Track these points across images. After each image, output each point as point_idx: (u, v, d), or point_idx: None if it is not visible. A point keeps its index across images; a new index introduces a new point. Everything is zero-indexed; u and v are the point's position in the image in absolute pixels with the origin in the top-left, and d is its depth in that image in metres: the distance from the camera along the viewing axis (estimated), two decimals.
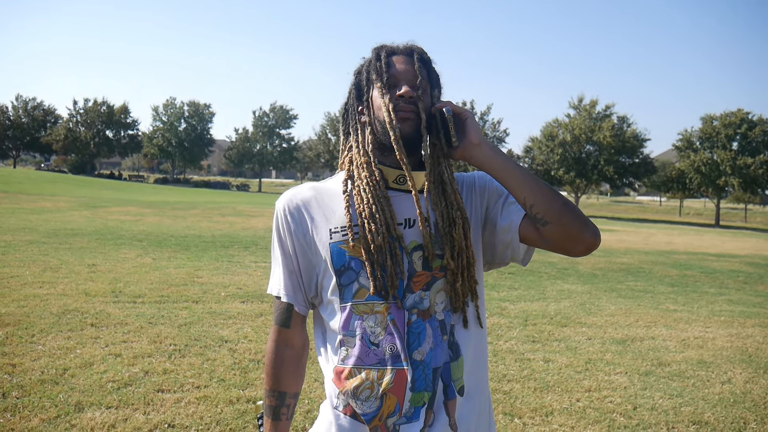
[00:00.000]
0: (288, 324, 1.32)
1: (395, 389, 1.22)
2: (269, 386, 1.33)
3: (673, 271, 11.17)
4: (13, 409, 3.28)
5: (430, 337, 1.25)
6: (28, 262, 7.92)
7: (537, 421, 3.60)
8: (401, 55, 1.30)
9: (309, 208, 1.29)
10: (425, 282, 1.25)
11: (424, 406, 1.23)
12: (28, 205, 18.95)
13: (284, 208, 1.31)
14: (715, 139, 47.58)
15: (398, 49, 1.31)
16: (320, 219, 1.28)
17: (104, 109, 67.30)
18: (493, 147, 1.25)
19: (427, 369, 1.23)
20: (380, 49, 1.31)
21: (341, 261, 1.25)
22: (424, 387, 1.23)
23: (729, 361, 5.14)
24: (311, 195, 1.31)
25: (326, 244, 1.26)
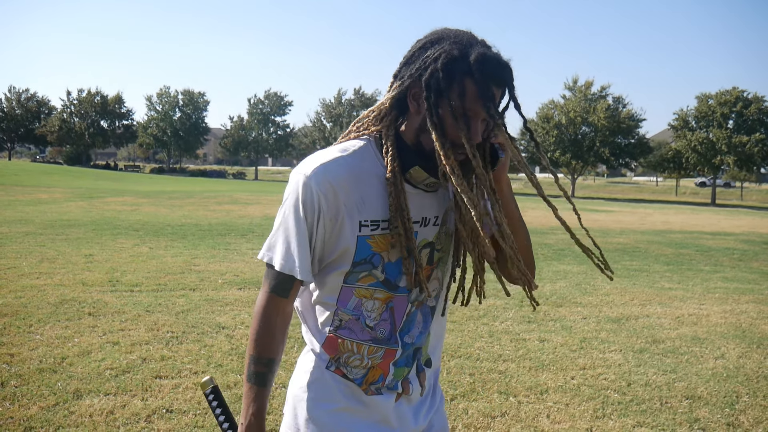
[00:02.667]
0: (287, 294, 1.25)
1: (382, 364, 1.31)
2: (258, 353, 1.26)
3: (669, 250, 11.22)
4: (12, 397, 3.31)
5: (420, 322, 1.33)
6: (25, 253, 7.93)
7: (532, 399, 3.64)
8: (497, 85, 1.17)
9: (344, 192, 1.19)
10: (427, 275, 1.31)
11: (402, 379, 1.34)
12: (24, 197, 18.91)
13: (317, 186, 1.18)
14: (710, 117, 47.56)
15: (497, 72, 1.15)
16: (352, 207, 1.20)
17: (98, 100, 66.97)
18: (509, 188, 1.31)
19: (412, 349, 1.34)
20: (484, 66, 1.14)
21: (364, 254, 1.23)
22: (405, 363, 1.33)
23: (723, 336, 5.19)
24: (346, 176, 1.20)
25: (354, 236, 1.21)
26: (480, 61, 1.13)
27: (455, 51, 1.15)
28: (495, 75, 1.15)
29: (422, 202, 1.26)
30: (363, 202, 1.21)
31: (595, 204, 33.84)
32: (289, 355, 4.19)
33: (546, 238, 11.92)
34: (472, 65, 1.13)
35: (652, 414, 3.50)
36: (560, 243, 11.39)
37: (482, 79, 1.13)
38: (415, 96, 1.20)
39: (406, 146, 1.23)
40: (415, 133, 1.22)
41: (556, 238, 12.12)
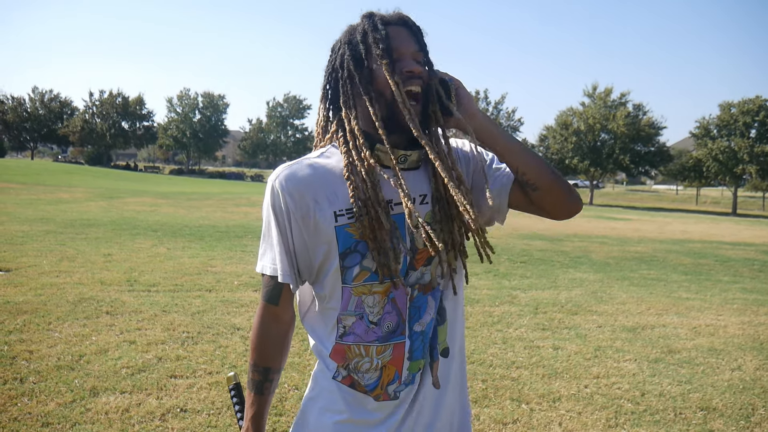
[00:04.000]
0: (277, 301, 1.29)
1: (393, 360, 1.28)
2: (255, 361, 1.31)
3: (687, 260, 11.10)
4: (31, 393, 3.37)
5: (431, 308, 1.30)
6: (45, 251, 8.05)
7: (544, 407, 3.63)
8: (397, 26, 1.26)
9: (310, 188, 1.23)
10: (426, 257, 1.28)
11: (419, 371, 1.30)
12: (45, 196, 19.19)
13: (282, 186, 1.23)
14: (732, 126, 46.96)
15: (392, 19, 1.27)
16: (323, 200, 1.23)
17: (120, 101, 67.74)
18: (486, 116, 1.28)
19: (426, 338, 1.30)
20: (373, 17, 1.26)
21: (347, 244, 1.24)
22: (421, 355, 1.30)
23: (740, 348, 5.13)
24: (310, 173, 1.25)
25: (331, 227, 1.23)
26: (367, 16, 1.26)
27: (346, 33, 1.29)
28: (382, 17, 1.26)
29: (414, 180, 1.28)
30: (335, 195, 1.24)
31: (614, 212, 33.56)
32: (303, 357, 4.22)
33: (562, 246, 11.84)
34: (364, 26, 1.25)
35: (665, 425, 3.48)
36: (576, 251, 11.32)
37: (373, 24, 1.24)
38: (344, 90, 1.28)
39: (365, 135, 1.25)
40: (365, 119, 1.26)
41: (573, 246, 12.04)
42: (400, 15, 1.28)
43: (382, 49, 1.22)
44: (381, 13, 1.27)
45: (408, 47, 1.24)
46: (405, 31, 1.25)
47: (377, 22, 1.24)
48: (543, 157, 1.28)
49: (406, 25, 1.26)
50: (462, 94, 1.28)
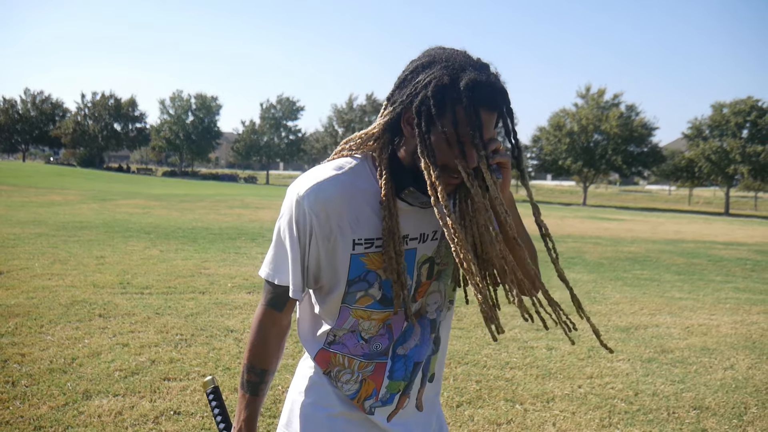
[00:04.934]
0: (281, 309, 1.29)
1: (373, 377, 1.29)
2: (251, 363, 1.31)
3: (680, 260, 11.15)
4: (23, 397, 3.35)
5: (417, 334, 1.31)
6: (38, 254, 8.01)
7: (538, 407, 3.64)
8: (489, 111, 1.14)
9: (336, 212, 1.19)
10: (426, 290, 1.30)
11: (398, 393, 1.32)
12: (37, 198, 19.10)
13: (309, 206, 1.18)
14: (724, 127, 47.25)
15: (493, 101, 1.14)
16: (346, 227, 1.20)
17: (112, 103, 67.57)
18: (512, 202, 1.28)
19: (409, 362, 1.31)
20: (474, 93, 1.11)
21: (357, 272, 1.23)
22: (402, 377, 1.31)
23: (732, 347, 5.16)
24: (339, 195, 1.19)
25: (347, 254, 1.22)
26: (470, 87, 1.11)
27: (446, 77, 1.13)
28: (485, 101, 1.13)
29: (421, 218, 1.25)
30: (357, 221, 1.21)
31: (607, 212, 33.68)
32: (296, 359, 4.22)
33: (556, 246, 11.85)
34: (462, 92, 1.11)
35: (659, 424, 3.49)
36: (570, 251, 11.35)
37: (472, 105, 1.11)
38: (408, 120, 1.18)
39: (402, 167, 1.21)
40: (411, 156, 1.19)
41: (566, 246, 12.08)
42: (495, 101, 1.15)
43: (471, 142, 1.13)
44: (485, 80, 1.13)
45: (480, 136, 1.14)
46: (492, 117, 1.16)
47: (476, 104, 1.12)
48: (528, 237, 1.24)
49: (497, 109, 1.16)
50: (505, 175, 1.20)
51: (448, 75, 1.13)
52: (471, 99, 1.11)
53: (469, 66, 1.14)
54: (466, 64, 1.14)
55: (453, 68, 1.14)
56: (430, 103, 1.13)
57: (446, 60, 1.15)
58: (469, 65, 1.14)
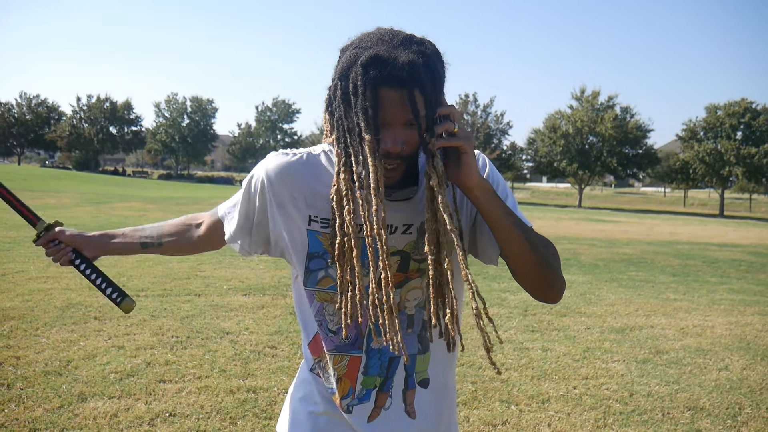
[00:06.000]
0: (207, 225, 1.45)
1: (348, 374, 1.26)
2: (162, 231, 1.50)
3: (675, 261, 11.19)
4: (18, 399, 3.34)
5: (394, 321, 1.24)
6: (33, 257, 7.99)
7: (533, 408, 3.65)
8: (395, 88, 1.04)
9: (292, 183, 1.21)
10: (398, 281, 1.23)
11: (375, 389, 1.27)
12: (33, 201, 18.95)
13: (267, 169, 1.22)
14: (719, 128, 47.51)
15: (393, 76, 1.03)
16: (301, 200, 1.21)
17: (107, 106, 67.56)
18: (486, 192, 1.12)
19: (384, 357, 1.26)
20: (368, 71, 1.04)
21: (316, 248, 1.23)
22: (377, 372, 1.26)
23: (727, 348, 5.18)
24: (298, 169, 1.21)
25: (304, 228, 1.22)
26: (365, 64, 1.04)
27: (350, 59, 1.07)
28: (384, 78, 1.03)
29: (391, 210, 1.17)
30: (314, 198, 1.20)
31: (602, 214, 33.76)
32: (292, 360, 4.22)
33: None
34: (359, 70, 1.04)
35: (653, 424, 3.50)
36: (565, 253, 11.38)
37: (369, 83, 1.03)
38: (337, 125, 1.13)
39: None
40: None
41: (562, 248, 12.10)
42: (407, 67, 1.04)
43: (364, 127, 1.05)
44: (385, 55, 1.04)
45: (397, 116, 1.06)
46: (398, 95, 1.04)
47: (368, 81, 1.04)
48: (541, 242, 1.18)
49: (404, 84, 1.04)
50: (465, 162, 1.09)
51: (353, 56, 1.07)
52: (367, 77, 1.04)
53: (379, 43, 1.07)
54: (376, 42, 1.07)
55: (360, 48, 1.07)
56: (337, 87, 1.10)
57: (360, 40, 1.10)
58: (380, 42, 1.07)
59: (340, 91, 1.09)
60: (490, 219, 1.13)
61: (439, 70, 1.09)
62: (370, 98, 1.04)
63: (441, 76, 1.09)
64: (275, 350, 4.48)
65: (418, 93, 1.04)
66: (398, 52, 1.04)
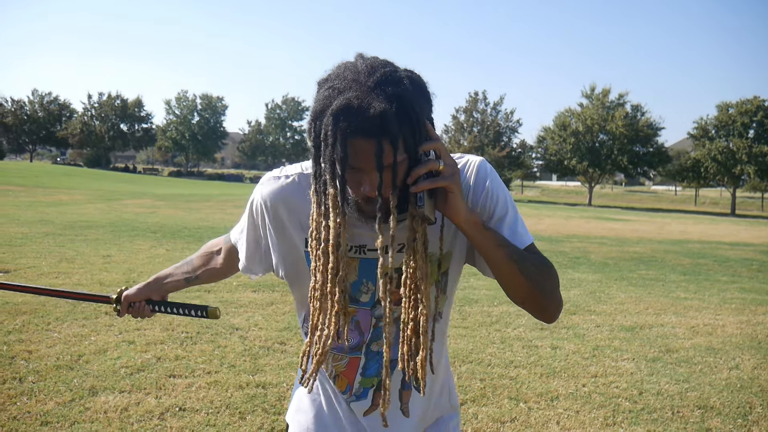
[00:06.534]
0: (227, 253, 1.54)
1: (347, 372, 1.32)
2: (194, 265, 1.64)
3: (686, 260, 11.12)
4: (30, 393, 3.37)
5: (392, 334, 1.26)
6: (45, 253, 8.06)
7: (542, 406, 3.64)
8: (367, 138, 1.02)
9: (287, 207, 1.24)
10: (398, 298, 1.20)
11: (372, 388, 1.31)
12: (44, 198, 19.19)
13: (262, 195, 1.27)
14: (731, 127, 47.13)
15: (362, 128, 1.01)
16: (296, 224, 1.25)
17: (118, 103, 67.93)
18: (474, 227, 1.12)
19: (381, 359, 1.27)
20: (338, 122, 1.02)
21: None
22: (375, 373, 1.31)
23: (738, 347, 5.15)
24: (291, 193, 1.24)
25: (301, 249, 1.26)
26: (336, 115, 1.02)
27: (321, 103, 1.06)
28: (353, 130, 1.01)
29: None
30: (308, 220, 1.19)
31: (612, 213, 33.61)
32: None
33: (561, 246, 11.86)
34: (330, 121, 1.03)
35: (663, 423, 3.49)
36: (575, 251, 11.33)
37: (339, 135, 1.02)
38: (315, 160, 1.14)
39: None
40: None
41: (572, 246, 12.06)
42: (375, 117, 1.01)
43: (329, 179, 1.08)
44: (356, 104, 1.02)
45: (370, 164, 1.04)
46: (369, 144, 1.02)
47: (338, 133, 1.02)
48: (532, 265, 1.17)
49: (373, 135, 1.01)
50: (451, 202, 1.09)
51: (326, 98, 1.05)
52: (337, 127, 1.02)
53: (353, 85, 1.04)
54: (350, 84, 1.04)
55: (334, 88, 1.05)
56: (311, 128, 1.09)
57: (335, 79, 1.07)
58: (355, 84, 1.04)
59: (313, 133, 1.09)
60: (481, 251, 1.15)
61: (419, 108, 1.06)
62: (339, 150, 1.03)
63: (420, 115, 1.06)
64: (284, 346, 4.49)
65: (388, 143, 1.02)
66: (371, 99, 1.01)
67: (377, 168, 1.03)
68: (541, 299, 1.18)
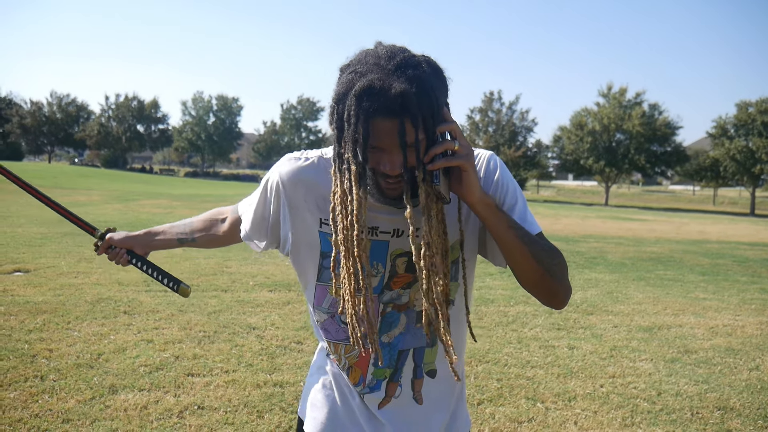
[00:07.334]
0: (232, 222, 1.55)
1: (359, 363, 1.33)
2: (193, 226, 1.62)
3: (705, 260, 11.00)
4: (51, 391, 3.42)
5: (402, 324, 1.31)
6: (64, 253, 8.15)
7: (559, 406, 3.63)
8: (388, 118, 1.06)
9: (304, 187, 1.26)
10: (406, 282, 1.29)
11: (385, 380, 1.33)
12: (62, 199, 19.38)
13: (280, 173, 1.28)
14: (750, 126, 46.50)
15: (385, 107, 1.05)
16: (312, 204, 1.27)
17: (135, 104, 68.55)
18: (488, 208, 1.15)
19: (393, 350, 1.31)
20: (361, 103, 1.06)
21: (327, 248, 1.28)
22: (387, 365, 1.32)
23: (758, 348, 5.09)
24: (310, 175, 1.26)
25: (315, 230, 1.28)
26: (359, 95, 1.06)
27: (345, 86, 1.10)
28: (376, 109, 1.05)
29: (395, 215, 1.23)
30: (325, 201, 1.23)
31: (630, 212, 33.33)
32: None
33: (578, 246, 11.78)
34: (353, 101, 1.07)
35: (682, 424, 3.46)
36: (592, 251, 11.26)
37: (362, 114, 1.06)
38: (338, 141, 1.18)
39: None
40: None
41: (588, 246, 11.98)
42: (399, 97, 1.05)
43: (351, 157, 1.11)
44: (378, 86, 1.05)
45: (392, 143, 1.08)
46: (390, 124, 1.06)
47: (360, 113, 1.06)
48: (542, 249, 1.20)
49: (395, 115, 1.05)
50: (466, 180, 1.12)
51: (349, 81, 1.10)
52: (360, 108, 1.06)
53: (374, 68, 1.08)
54: (372, 67, 1.08)
55: (357, 72, 1.09)
56: (334, 111, 1.13)
57: (357, 64, 1.11)
58: (376, 68, 1.08)
59: (336, 115, 1.13)
60: (493, 233, 1.17)
61: (437, 91, 1.10)
62: (362, 129, 1.06)
63: (438, 98, 1.10)
64: (301, 345, 4.51)
65: (409, 122, 1.06)
66: (392, 80, 1.05)
67: (400, 146, 1.07)
68: (552, 283, 1.21)
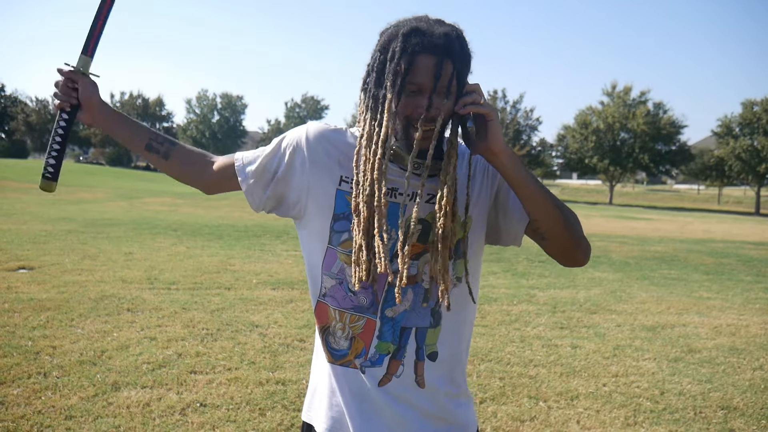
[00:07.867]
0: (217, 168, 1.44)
1: (363, 335, 1.31)
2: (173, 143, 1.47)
3: (709, 259, 10.97)
4: (54, 387, 3.43)
5: (408, 300, 1.30)
6: (68, 250, 8.17)
7: (562, 405, 3.62)
8: (432, 54, 1.16)
9: (328, 145, 1.30)
10: (416, 252, 1.28)
11: (388, 355, 1.31)
12: (67, 196, 19.46)
13: (307, 134, 1.32)
14: (755, 125, 46.31)
15: (430, 43, 1.16)
16: (334, 161, 1.29)
17: (140, 102, 68.68)
18: (511, 157, 1.21)
19: (396, 325, 1.31)
20: (408, 40, 1.17)
21: (342, 208, 1.28)
22: (390, 339, 1.31)
23: (762, 348, 5.07)
24: (335, 137, 1.32)
25: (334, 188, 1.29)
26: (406, 34, 1.18)
27: (392, 33, 1.21)
28: (421, 45, 1.17)
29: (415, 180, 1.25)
30: (347, 160, 1.29)
31: (634, 211, 33.26)
32: None
33: None
34: (400, 40, 1.18)
35: (685, 423, 3.45)
36: (596, 250, 11.23)
37: (408, 49, 1.17)
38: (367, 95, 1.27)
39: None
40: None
41: (592, 245, 11.86)
42: (444, 38, 1.17)
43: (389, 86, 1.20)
44: (423, 33, 1.17)
45: (430, 81, 1.18)
46: (434, 61, 1.17)
47: (407, 47, 1.17)
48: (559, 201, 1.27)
49: (439, 52, 1.17)
50: (491, 129, 1.19)
51: (395, 30, 1.21)
52: (408, 43, 1.17)
53: (417, 21, 1.21)
54: (415, 21, 1.21)
55: (400, 26, 1.22)
56: (376, 60, 1.23)
57: (399, 22, 1.24)
58: (419, 21, 1.21)
59: (378, 63, 1.22)
60: (517, 182, 1.22)
61: (468, 49, 1.22)
62: (405, 62, 1.17)
63: (469, 56, 1.23)
64: (304, 343, 4.52)
65: (450, 63, 1.17)
66: (436, 27, 1.18)
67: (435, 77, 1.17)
68: (574, 234, 1.29)
